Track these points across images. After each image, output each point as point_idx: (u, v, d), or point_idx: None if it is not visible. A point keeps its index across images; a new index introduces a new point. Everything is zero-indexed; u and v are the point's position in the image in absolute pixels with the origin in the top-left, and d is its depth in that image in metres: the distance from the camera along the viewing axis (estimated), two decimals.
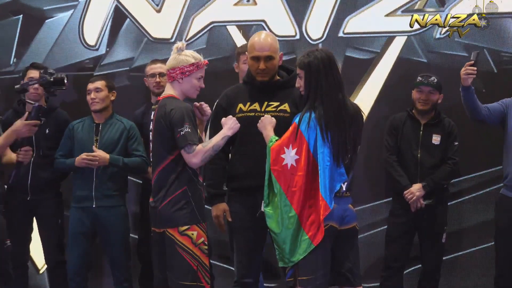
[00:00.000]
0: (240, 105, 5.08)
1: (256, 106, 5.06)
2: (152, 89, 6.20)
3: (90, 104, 6.05)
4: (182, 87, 4.82)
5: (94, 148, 5.92)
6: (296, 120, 4.58)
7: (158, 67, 6.20)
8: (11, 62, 7.11)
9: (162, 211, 4.75)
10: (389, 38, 6.69)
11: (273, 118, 4.83)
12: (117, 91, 6.24)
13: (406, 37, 6.64)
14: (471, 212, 6.21)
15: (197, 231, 4.72)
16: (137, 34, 6.99)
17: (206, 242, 4.76)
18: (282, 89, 5.09)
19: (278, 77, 5.12)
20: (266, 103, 5.05)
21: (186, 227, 4.71)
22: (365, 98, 6.60)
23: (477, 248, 6.21)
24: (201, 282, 4.70)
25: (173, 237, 4.71)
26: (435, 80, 6.02)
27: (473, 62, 5.50)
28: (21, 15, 7.10)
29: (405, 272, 6.23)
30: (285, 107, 5.03)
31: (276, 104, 5.04)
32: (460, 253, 6.57)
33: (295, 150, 4.54)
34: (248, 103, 5.08)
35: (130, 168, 5.99)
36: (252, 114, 5.04)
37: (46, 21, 7.09)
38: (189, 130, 4.65)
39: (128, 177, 6.30)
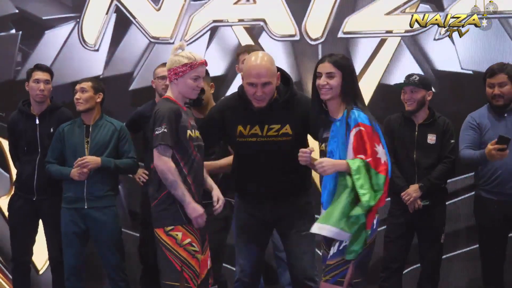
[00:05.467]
0: (240, 128, 4.92)
1: (256, 129, 4.90)
2: (161, 92, 6.03)
3: (76, 104, 6.02)
4: (178, 88, 4.77)
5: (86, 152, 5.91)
6: (354, 123, 4.46)
7: None
8: (12, 73, 7.14)
9: (152, 210, 4.75)
10: (385, 38, 6.65)
11: (313, 148, 4.58)
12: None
13: (401, 37, 6.62)
14: (468, 212, 6.18)
15: (182, 231, 4.66)
16: (137, 34, 7.00)
17: (194, 244, 4.67)
18: (281, 109, 4.89)
19: (276, 94, 4.91)
20: (266, 126, 4.88)
21: (170, 227, 4.67)
22: None
23: (474, 247, 6.19)
24: (187, 282, 4.64)
25: (159, 237, 4.69)
26: (417, 78, 5.93)
27: (506, 146, 5.44)
28: (21, 31, 7.13)
29: (404, 272, 6.21)
30: (286, 129, 4.88)
31: (277, 127, 4.88)
32: (457, 252, 6.57)
33: (380, 145, 4.50)
34: (248, 126, 4.91)
35: (121, 170, 5.99)
36: (254, 139, 4.90)
37: (46, 31, 7.11)
38: (165, 130, 4.57)
39: (129, 175, 6.31)
